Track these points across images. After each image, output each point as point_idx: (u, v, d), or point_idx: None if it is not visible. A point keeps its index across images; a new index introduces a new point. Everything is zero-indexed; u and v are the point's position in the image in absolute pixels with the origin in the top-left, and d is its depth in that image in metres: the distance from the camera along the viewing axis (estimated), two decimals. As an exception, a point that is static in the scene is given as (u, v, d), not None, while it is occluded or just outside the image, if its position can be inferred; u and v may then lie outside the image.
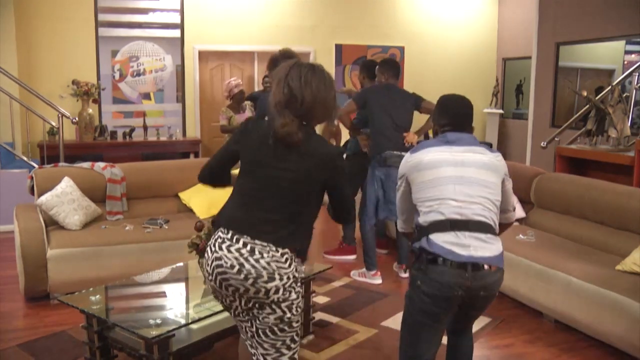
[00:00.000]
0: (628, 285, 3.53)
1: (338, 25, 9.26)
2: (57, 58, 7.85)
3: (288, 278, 2.26)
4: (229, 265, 2.23)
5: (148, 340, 2.80)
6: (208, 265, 2.32)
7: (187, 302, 3.55)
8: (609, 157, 5.78)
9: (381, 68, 5.05)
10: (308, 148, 2.27)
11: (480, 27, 10.10)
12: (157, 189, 5.33)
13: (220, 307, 3.18)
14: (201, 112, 8.79)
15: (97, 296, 3.30)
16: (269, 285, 2.21)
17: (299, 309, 2.33)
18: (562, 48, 8.04)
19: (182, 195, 5.33)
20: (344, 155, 2.41)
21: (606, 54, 7.74)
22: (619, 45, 7.45)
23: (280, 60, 5.17)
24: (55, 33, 7.83)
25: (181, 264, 3.97)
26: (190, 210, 5.20)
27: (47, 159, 6.87)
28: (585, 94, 6.17)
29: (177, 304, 3.51)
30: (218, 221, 2.38)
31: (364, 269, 5.00)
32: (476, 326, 3.99)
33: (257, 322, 2.31)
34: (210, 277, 2.32)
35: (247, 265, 2.21)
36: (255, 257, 2.22)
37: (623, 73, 6.95)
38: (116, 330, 3.12)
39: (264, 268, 2.21)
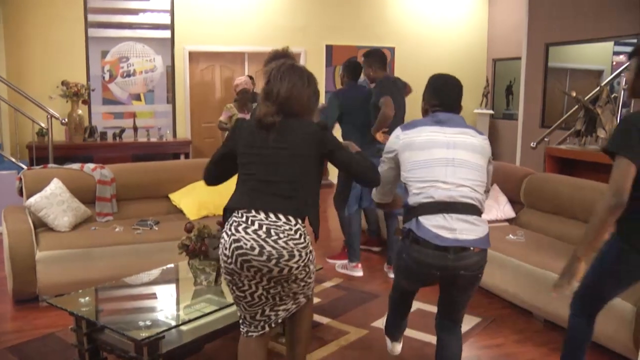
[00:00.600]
0: (617, 284, 3.55)
1: (328, 26, 9.27)
2: (47, 59, 7.82)
3: (306, 254, 2.48)
4: (249, 246, 2.39)
5: (138, 342, 2.79)
6: (226, 248, 2.45)
7: (178, 303, 3.54)
8: (598, 157, 5.81)
9: (369, 60, 4.97)
10: (291, 127, 2.53)
11: (471, 28, 10.14)
12: (147, 190, 5.31)
13: (210, 309, 3.19)
14: (192, 113, 8.77)
15: (87, 298, 3.29)
16: (291, 262, 2.42)
17: (314, 273, 2.62)
18: (551, 49, 8.09)
19: (172, 196, 5.31)
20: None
21: (595, 55, 7.79)
22: (608, 46, 7.50)
23: (272, 60, 5.20)
24: (45, 33, 7.80)
25: (171, 265, 3.96)
26: (181, 212, 5.18)
27: (36, 160, 6.84)
28: (574, 94, 6.21)
29: (167, 306, 3.50)
30: (230, 207, 2.56)
31: (345, 261, 5.00)
32: (466, 326, 4.01)
33: (282, 292, 2.52)
34: (229, 260, 2.45)
35: (267, 247, 2.38)
36: (272, 238, 2.40)
37: (612, 74, 7.00)
38: (106, 332, 3.11)
39: (284, 248, 2.40)
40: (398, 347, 3.29)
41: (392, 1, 9.62)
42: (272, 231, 2.40)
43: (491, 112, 9.86)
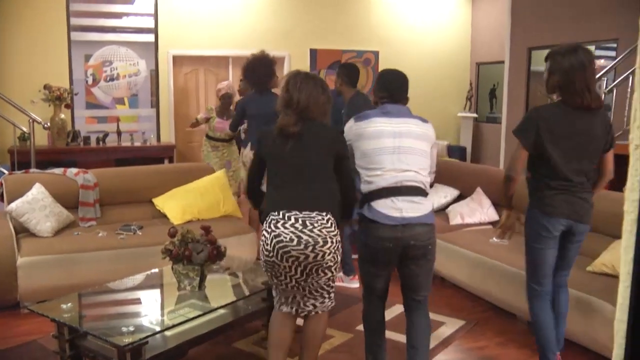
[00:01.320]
0: (598, 286, 3.59)
1: (313, 30, 9.28)
2: (28, 62, 7.74)
3: (337, 240, 2.85)
4: (288, 239, 2.75)
5: (121, 348, 2.77)
6: (267, 244, 2.81)
7: (161, 308, 3.52)
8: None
9: (338, 72, 5.03)
10: (312, 133, 2.88)
11: (454, 32, 10.20)
12: (131, 194, 5.28)
13: (194, 314, 3.18)
14: (176, 117, 8.73)
15: (69, 304, 3.25)
16: (325, 248, 2.78)
17: (339, 264, 2.98)
18: (534, 53, 8.17)
19: (156, 201, 5.29)
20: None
21: (577, 58, 7.88)
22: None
23: (258, 66, 5.21)
24: (27, 37, 7.72)
25: (156, 270, 3.94)
26: (165, 216, 5.16)
27: (17, 165, 6.76)
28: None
29: (151, 311, 3.48)
30: (266, 209, 2.89)
31: (341, 274, 5.00)
32: (449, 329, 4.04)
33: (310, 285, 2.90)
34: (271, 254, 2.81)
35: (304, 237, 2.75)
36: (308, 228, 2.76)
37: (593, 77, 7.07)
38: (88, 338, 3.09)
39: (318, 235, 2.77)
40: None
41: (376, 5, 9.66)
42: (307, 222, 2.77)
43: (475, 115, 9.92)
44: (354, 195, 3.03)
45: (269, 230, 2.82)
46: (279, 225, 2.79)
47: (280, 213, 2.80)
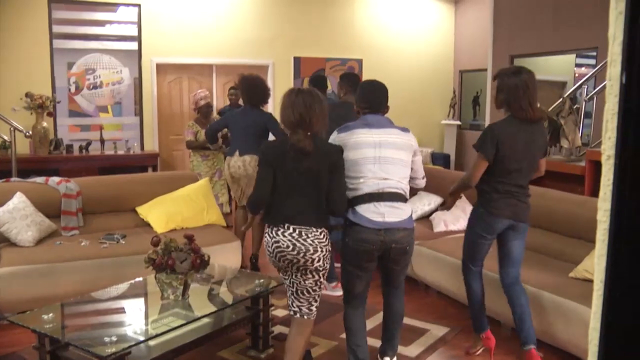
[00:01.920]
0: (580, 291, 3.62)
1: (296, 38, 9.31)
2: (10, 70, 7.68)
3: (326, 250, 3.11)
4: (285, 245, 3.05)
5: (103, 358, 2.75)
6: (269, 246, 3.12)
7: (145, 318, 3.50)
8: (562, 167, 5.94)
9: (339, 82, 5.19)
10: (318, 150, 3.07)
11: (437, 40, 10.28)
12: (114, 203, 5.25)
13: (177, 323, 3.17)
14: (159, 126, 8.70)
15: (50, 314, 3.22)
16: (314, 255, 3.06)
17: (325, 275, 3.23)
18: (516, 60, 8.25)
19: (139, 209, 5.26)
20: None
21: (558, 66, 7.98)
22: (570, 58, 7.69)
23: (256, 88, 5.34)
24: (8, 44, 7.66)
25: (139, 279, 3.91)
26: (148, 225, 5.13)
27: (-1, 174, 6.70)
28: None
29: (134, 321, 3.46)
30: (270, 218, 3.13)
31: (324, 281, 4.99)
32: (434, 336, 4.05)
33: (299, 285, 3.17)
34: (271, 255, 3.13)
35: (298, 245, 3.04)
36: (302, 238, 3.04)
37: (574, 85, 7.16)
38: (70, 349, 3.06)
39: (310, 245, 3.04)
40: None
41: (360, 13, 9.71)
42: (302, 232, 3.04)
43: (458, 123, 9.99)
44: (339, 206, 3.14)
45: (271, 235, 3.10)
46: (279, 232, 3.07)
47: (283, 224, 3.07)
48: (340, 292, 4.88)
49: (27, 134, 6.94)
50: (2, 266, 4.15)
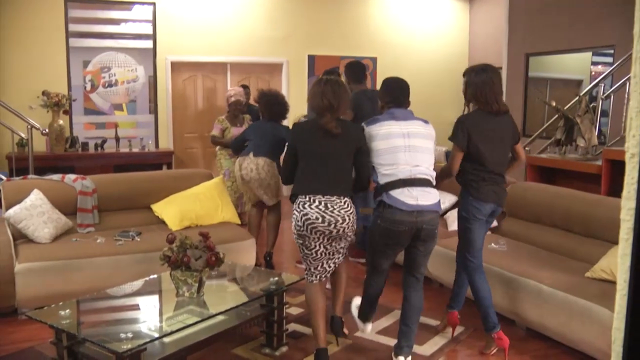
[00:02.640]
0: (597, 291, 3.59)
1: (311, 36, 9.30)
2: (27, 69, 7.75)
3: (353, 217, 3.46)
4: (314, 217, 3.35)
5: (119, 354, 2.76)
6: (298, 220, 3.40)
7: (160, 315, 3.52)
8: (578, 166, 5.88)
9: (345, 72, 5.42)
10: (345, 132, 3.44)
11: (452, 38, 10.23)
12: (129, 200, 5.27)
13: (192, 320, 3.18)
14: (174, 123, 8.74)
15: (67, 310, 3.24)
16: (344, 224, 3.40)
17: (354, 230, 3.56)
18: (531, 59, 8.20)
19: (154, 207, 5.28)
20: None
21: (574, 64, 7.91)
22: (586, 56, 7.62)
23: (275, 104, 5.50)
24: (25, 43, 7.74)
25: (154, 276, 3.93)
26: (163, 223, 5.15)
27: (15, 171, 6.76)
28: (554, 104, 6.29)
29: (149, 317, 3.47)
30: (297, 192, 3.46)
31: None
32: (448, 335, 4.03)
33: (334, 248, 3.52)
34: (302, 228, 3.40)
35: (327, 217, 3.35)
36: (329, 209, 3.36)
37: (590, 83, 7.10)
38: (86, 345, 3.07)
39: (338, 215, 3.37)
40: (370, 327, 3.86)
41: (374, 11, 9.69)
42: (328, 204, 3.36)
43: (473, 121, 9.93)
44: (368, 182, 3.57)
45: (299, 209, 3.40)
46: (306, 206, 3.38)
47: (307, 197, 3.39)
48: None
49: (44, 131, 7.01)
50: (20, 262, 4.20)
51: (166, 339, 3.17)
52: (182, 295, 3.47)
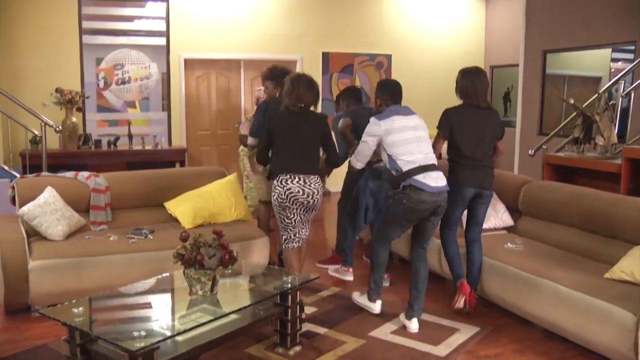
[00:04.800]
0: (616, 293, 3.51)
1: (325, 34, 9.26)
2: (40, 66, 7.77)
3: (321, 191, 4.26)
4: (296, 191, 4.11)
5: (132, 352, 2.73)
6: (282, 194, 4.11)
7: (173, 313, 3.49)
8: (597, 164, 5.79)
9: (342, 96, 5.57)
10: (311, 119, 4.24)
11: (468, 35, 10.14)
12: (142, 198, 5.26)
13: (205, 319, 3.15)
14: (187, 121, 8.73)
15: (80, 308, 3.21)
16: (317, 196, 4.21)
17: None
18: (549, 56, 8.09)
19: (167, 205, 5.26)
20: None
21: (593, 61, 7.79)
22: (606, 53, 7.50)
23: (279, 74, 5.41)
24: (39, 40, 7.76)
25: (167, 274, 3.91)
26: (176, 220, 5.13)
27: (29, 168, 6.78)
28: (572, 101, 6.18)
29: (162, 316, 3.45)
30: (277, 171, 4.17)
31: (334, 266, 5.22)
32: (464, 336, 3.98)
33: (307, 218, 4.33)
34: (284, 200, 4.13)
35: (306, 190, 4.13)
36: (307, 184, 4.14)
37: (609, 81, 6.98)
38: (99, 342, 3.05)
39: (315, 188, 4.18)
40: (379, 305, 4.28)
41: (389, 8, 9.62)
42: (306, 180, 4.14)
43: (488, 119, 9.84)
44: (336, 159, 4.47)
45: (282, 185, 4.11)
46: (288, 182, 4.10)
47: (288, 174, 4.11)
48: (351, 277, 5.09)
49: (57, 129, 7.02)
50: (34, 260, 4.19)
51: (179, 338, 3.14)
52: (195, 293, 3.44)
